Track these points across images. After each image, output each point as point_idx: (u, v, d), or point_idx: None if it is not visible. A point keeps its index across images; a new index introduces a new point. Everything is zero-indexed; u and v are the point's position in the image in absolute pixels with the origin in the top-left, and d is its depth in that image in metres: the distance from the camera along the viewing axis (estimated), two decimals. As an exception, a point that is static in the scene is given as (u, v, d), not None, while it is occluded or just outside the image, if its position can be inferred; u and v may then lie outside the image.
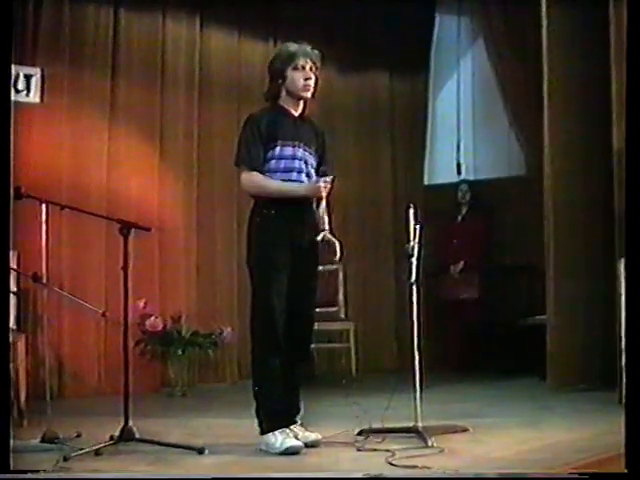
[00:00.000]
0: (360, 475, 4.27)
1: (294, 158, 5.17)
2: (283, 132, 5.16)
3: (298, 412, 5.24)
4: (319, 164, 5.33)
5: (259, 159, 5.12)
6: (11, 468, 4.04)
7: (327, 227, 5.33)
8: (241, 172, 5.14)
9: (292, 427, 5.14)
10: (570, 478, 4.22)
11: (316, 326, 5.43)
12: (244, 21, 9.33)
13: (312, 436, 5.19)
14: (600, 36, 7.30)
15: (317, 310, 5.45)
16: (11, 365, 6.22)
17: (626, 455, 4.07)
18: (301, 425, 5.22)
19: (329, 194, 5.18)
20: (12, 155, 4.35)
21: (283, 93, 5.22)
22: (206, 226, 8.99)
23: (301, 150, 5.20)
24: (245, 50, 9.20)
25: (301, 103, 5.26)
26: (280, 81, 5.19)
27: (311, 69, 5.19)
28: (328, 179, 5.09)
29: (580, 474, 4.19)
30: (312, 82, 5.19)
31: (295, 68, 5.15)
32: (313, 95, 5.24)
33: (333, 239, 5.28)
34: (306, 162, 5.22)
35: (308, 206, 5.23)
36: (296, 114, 5.26)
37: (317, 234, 5.23)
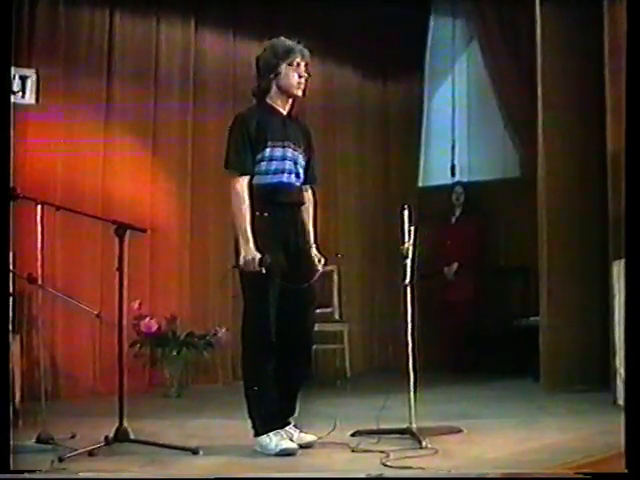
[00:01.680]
0: (361, 475, 4.30)
1: (284, 159, 5.15)
2: (272, 132, 5.12)
3: (292, 414, 5.24)
4: (307, 163, 5.32)
5: (248, 162, 5.08)
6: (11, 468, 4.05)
7: (312, 241, 5.33)
8: (232, 177, 5.10)
9: (286, 428, 5.14)
10: (576, 478, 4.23)
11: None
12: (239, 23, 9.33)
13: (307, 437, 5.20)
14: (594, 38, 7.32)
15: (312, 311, 5.46)
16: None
17: (626, 455, 4.08)
18: (294, 426, 5.22)
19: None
20: (12, 157, 4.35)
21: (273, 89, 5.18)
22: (200, 227, 8.98)
23: (290, 150, 5.17)
24: (240, 52, 9.18)
25: (290, 101, 5.24)
26: (272, 76, 5.15)
27: (304, 67, 5.18)
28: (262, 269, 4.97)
29: (585, 474, 4.20)
30: (304, 80, 5.18)
31: (290, 64, 5.13)
32: (304, 93, 5.23)
33: (320, 255, 5.30)
34: (295, 162, 5.20)
35: (299, 208, 5.25)
36: (284, 112, 5.24)
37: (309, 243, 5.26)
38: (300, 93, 5.20)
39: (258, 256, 4.94)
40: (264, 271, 4.93)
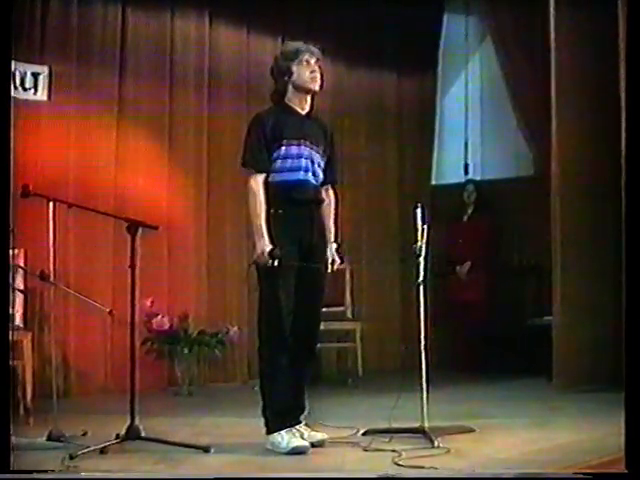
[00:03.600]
0: (373, 475, 4.29)
1: (300, 157, 5.17)
2: (289, 130, 5.16)
3: (303, 411, 5.24)
4: (327, 163, 5.34)
5: (265, 160, 5.13)
6: (11, 468, 4.03)
7: (332, 240, 5.34)
8: (249, 174, 5.14)
9: (297, 427, 5.14)
10: (576, 478, 4.21)
11: (323, 326, 5.44)
12: (253, 18, 9.30)
13: (318, 436, 5.20)
14: (609, 35, 7.28)
15: (324, 310, 5.46)
16: (18, 363, 6.25)
17: (626, 455, 4.06)
18: (306, 425, 5.22)
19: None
20: (12, 153, 4.34)
21: (290, 90, 5.23)
22: (216, 224, 8.96)
23: (307, 148, 5.19)
24: (254, 47, 9.18)
25: (308, 99, 5.27)
26: (286, 78, 5.20)
27: (315, 64, 5.21)
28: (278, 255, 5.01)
29: (585, 474, 4.18)
30: (318, 75, 5.20)
31: (300, 63, 5.18)
32: (321, 87, 5.25)
33: (335, 256, 5.31)
34: (312, 161, 5.22)
35: (316, 206, 5.25)
36: (303, 112, 5.27)
37: (325, 242, 5.26)
38: (316, 87, 5.23)
39: (269, 248, 4.97)
40: (275, 263, 4.94)
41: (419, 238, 5.40)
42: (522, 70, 9.55)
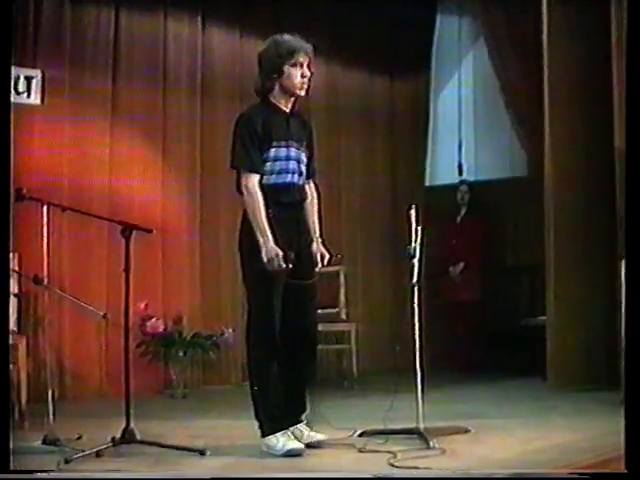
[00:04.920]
0: (370, 475, 4.30)
1: (288, 159, 5.13)
2: (276, 132, 5.10)
3: (303, 412, 5.24)
4: (309, 159, 5.30)
5: (258, 160, 5.07)
6: (11, 468, 4.03)
7: (318, 235, 5.30)
8: (242, 175, 5.08)
9: (298, 426, 5.14)
10: (575, 478, 4.21)
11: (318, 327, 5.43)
12: (246, 20, 9.30)
13: (317, 436, 5.19)
14: (601, 36, 7.31)
15: (318, 311, 5.45)
16: (12, 367, 6.23)
17: (625, 455, 4.07)
18: (307, 424, 5.21)
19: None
20: (12, 157, 4.33)
21: (276, 88, 5.15)
22: (210, 227, 8.95)
23: (294, 149, 5.15)
24: (247, 49, 9.15)
25: (292, 99, 5.21)
26: (275, 76, 5.12)
27: (307, 66, 5.15)
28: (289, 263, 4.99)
29: (581, 474, 4.18)
30: (307, 80, 5.15)
31: (294, 64, 5.10)
32: (307, 92, 5.21)
33: (324, 251, 5.27)
34: (298, 161, 5.18)
35: (301, 206, 5.24)
36: (287, 110, 5.21)
37: (310, 240, 5.23)
38: (303, 93, 5.17)
39: (282, 252, 4.93)
40: (290, 266, 4.92)
41: (413, 239, 5.40)
42: (515, 70, 9.56)
